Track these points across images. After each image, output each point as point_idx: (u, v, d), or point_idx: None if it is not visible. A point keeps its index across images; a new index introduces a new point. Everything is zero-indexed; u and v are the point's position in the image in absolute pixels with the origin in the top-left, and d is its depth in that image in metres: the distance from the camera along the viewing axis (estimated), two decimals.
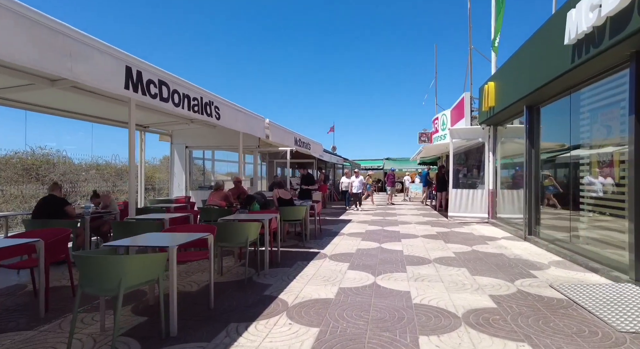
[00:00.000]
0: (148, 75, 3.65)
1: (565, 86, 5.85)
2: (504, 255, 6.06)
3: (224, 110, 4.74)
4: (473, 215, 10.38)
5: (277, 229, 5.84)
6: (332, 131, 34.74)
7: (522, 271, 5.05)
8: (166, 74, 3.75)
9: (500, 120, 9.63)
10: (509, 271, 5.05)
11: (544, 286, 4.34)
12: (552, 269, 5.13)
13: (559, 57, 5.35)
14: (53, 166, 12.18)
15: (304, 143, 8.81)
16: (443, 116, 13.52)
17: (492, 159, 10.19)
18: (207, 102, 4.37)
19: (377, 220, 10.99)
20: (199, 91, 4.21)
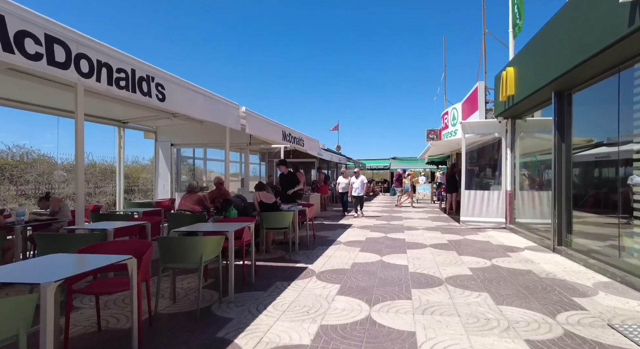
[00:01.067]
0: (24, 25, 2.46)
1: (612, 62, 4.69)
2: (533, 273, 4.92)
3: (171, 89, 3.68)
4: (488, 219, 9.21)
5: (252, 241, 4.77)
6: (336, 129, 33.54)
7: (562, 298, 3.91)
8: (64, 29, 2.69)
9: (519, 111, 8.45)
10: (545, 297, 3.91)
11: (599, 325, 3.20)
12: (601, 296, 3.98)
13: (607, 22, 4.20)
14: (31, 166, 11.29)
15: (296, 138, 7.74)
16: (453, 110, 12.34)
17: (509, 156, 9.01)
18: (144, 77, 3.31)
19: (380, 225, 9.87)
20: (129, 60, 3.16)
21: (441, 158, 18.47)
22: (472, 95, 10.16)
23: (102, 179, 12.38)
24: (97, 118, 8.86)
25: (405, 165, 29.52)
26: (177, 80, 3.88)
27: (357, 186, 11.56)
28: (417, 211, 13.80)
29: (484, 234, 8.33)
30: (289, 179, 7.69)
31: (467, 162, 9.65)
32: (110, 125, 9.36)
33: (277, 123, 6.58)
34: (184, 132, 10.82)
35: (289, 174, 7.84)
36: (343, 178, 12.31)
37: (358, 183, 11.57)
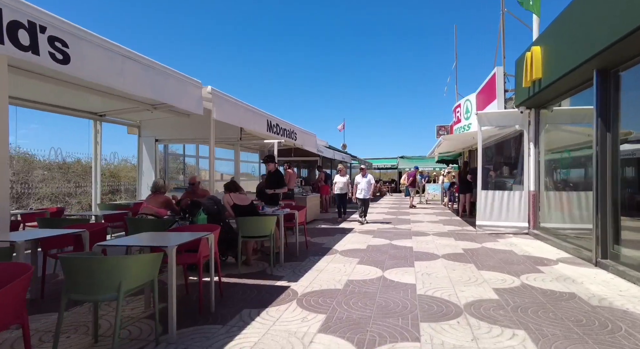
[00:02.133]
0: None
1: None
2: (579, 298, 3.80)
3: (81, 48, 2.68)
4: (508, 223, 8.06)
5: (215, 256, 3.74)
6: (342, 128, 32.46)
7: (638, 343, 2.80)
8: None
9: (545, 99, 7.29)
10: (613, 343, 2.80)
11: None
12: None
13: None
14: None
15: (286, 131, 6.71)
16: (467, 102, 11.19)
17: (533, 151, 7.86)
18: (22, 24, 2.28)
19: (385, 230, 8.78)
20: None
21: (452, 156, 17.27)
22: (489, 83, 9.01)
23: (85, 178, 11.49)
24: (69, 110, 7.94)
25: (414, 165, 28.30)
26: (96, 40, 2.85)
27: (364, 186, 9.66)
28: (427, 214, 12.66)
29: (504, 241, 7.20)
30: (274, 178, 6.64)
31: (484, 159, 8.50)
32: (83, 117, 8.44)
33: (259, 111, 5.55)
34: (169, 127, 9.87)
35: (276, 172, 6.78)
36: (340, 176, 10.26)
37: (364, 183, 9.67)
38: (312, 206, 10.41)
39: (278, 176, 6.70)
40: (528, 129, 7.95)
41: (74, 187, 11.04)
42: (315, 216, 10.98)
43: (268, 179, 6.69)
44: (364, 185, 9.74)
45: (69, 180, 11.09)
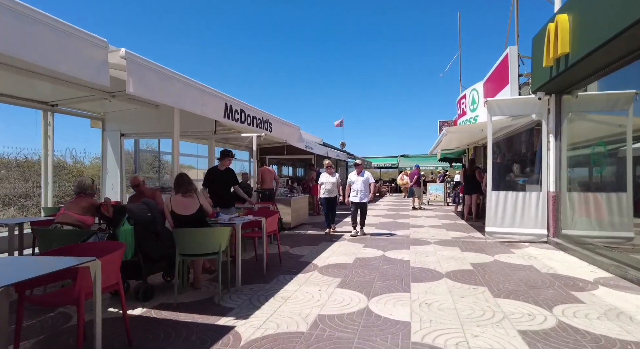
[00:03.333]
0: None
1: None
2: None
3: None
4: (523, 230, 6.84)
5: (114, 288, 2.56)
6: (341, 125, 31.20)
7: None
8: None
9: (570, 82, 6.08)
10: None
11: None
12: None
13: None
14: None
15: (256, 119, 5.50)
16: (473, 92, 9.97)
17: (553, 146, 6.64)
18: None
19: (379, 237, 7.57)
20: None
21: (456, 154, 16.04)
22: (500, 67, 7.78)
23: None
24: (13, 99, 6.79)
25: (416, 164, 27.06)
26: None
27: (360, 187, 7.60)
28: (429, 217, 11.44)
29: (520, 252, 5.99)
30: (224, 177, 5.47)
31: (495, 155, 7.29)
32: (30, 107, 7.28)
33: (211, 89, 4.33)
34: (137, 119, 8.70)
35: (226, 171, 5.54)
36: (328, 175, 7.94)
37: (360, 183, 7.59)
38: (298, 208, 9.22)
39: (228, 174, 5.51)
40: (547, 119, 6.73)
41: (33, 187, 9.88)
42: (303, 219, 9.79)
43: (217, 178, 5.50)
44: (360, 185, 7.64)
45: (27, 179, 9.94)
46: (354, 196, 7.68)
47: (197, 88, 4.10)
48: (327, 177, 7.99)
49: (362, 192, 7.66)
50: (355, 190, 7.68)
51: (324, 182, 7.95)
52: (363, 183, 7.69)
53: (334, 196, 8.07)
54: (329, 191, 7.95)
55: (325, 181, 7.96)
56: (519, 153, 8.54)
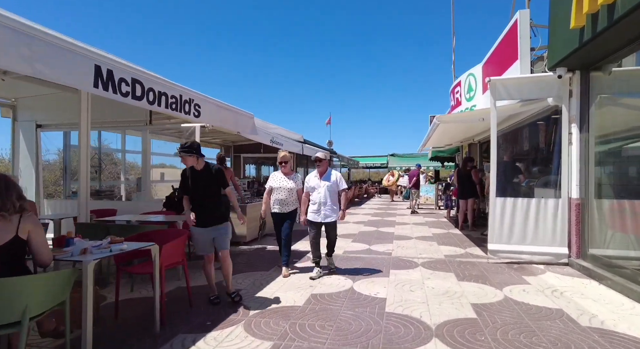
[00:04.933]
0: None
1: None
2: None
3: None
4: (537, 249, 5.27)
5: None
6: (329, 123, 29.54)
7: None
8: None
9: (602, 52, 4.52)
10: None
11: None
12: None
13: None
14: None
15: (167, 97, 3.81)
16: (469, 77, 8.38)
17: (577, 138, 5.07)
18: None
19: (352, 254, 5.93)
20: None
21: (449, 152, 14.49)
22: (506, 39, 6.16)
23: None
24: None
25: (405, 163, 25.57)
26: None
27: (323, 197, 4.70)
28: (417, 224, 9.84)
29: (537, 281, 4.39)
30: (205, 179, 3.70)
31: (501, 150, 5.70)
32: None
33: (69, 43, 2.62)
34: (55, 107, 6.96)
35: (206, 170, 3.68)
36: (283, 177, 4.96)
37: (324, 191, 4.70)
38: (257, 217, 7.50)
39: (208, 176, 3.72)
40: (569, 104, 5.15)
41: None
42: (266, 230, 8.09)
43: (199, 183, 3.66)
44: (324, 193, 4.68)
45: None
46: (314, 211, 4.73)
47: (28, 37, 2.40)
48: (279, 179, 4.92)
49: (326, 206, 4.68)
50: (317, 202, 4.70)
51: (275, 188, 4.89)
52: (328, 190, 4.68)
53: (290, 211, 4.93)
54: (281, 202, 4.86)
55: (276, 185, 4.89)
56: (531, 149, 6.94)
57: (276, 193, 4.94)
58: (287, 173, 5.00)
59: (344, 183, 4.87)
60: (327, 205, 4.73)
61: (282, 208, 4.92)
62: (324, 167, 4.81)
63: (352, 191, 18.99)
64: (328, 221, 4.76)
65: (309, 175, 4.86)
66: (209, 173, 3.72)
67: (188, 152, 3.60)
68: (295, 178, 5.01)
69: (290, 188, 4.93)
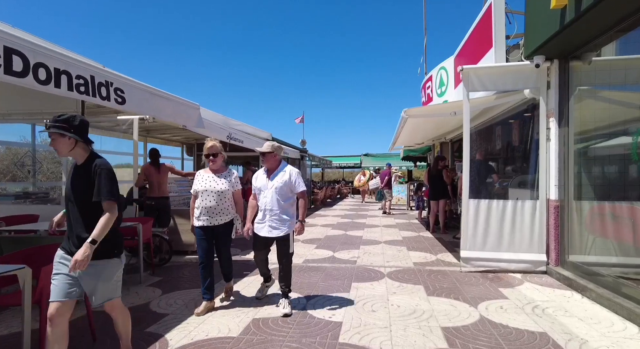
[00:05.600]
0: None
1: None
2: None
3: None
4: (513, 256, 4.78)
5: None
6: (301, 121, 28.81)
7: None
8: None
9: (583, 38, 4.07)
10: None
11: None
12: None
13: None
14: None
15: (71, 77, 3.05)
16: (440, 71, 7.92)
17: (556, 134, 4.62)
18: None
19: (313, 263, 5.27)
20: None
21: (420, 151, 14.11)
22: (480, 26, 5.67)
23: None
24: None
25: (379, 163, 25.25)
26: None
27: (271, 202, 3.51)
28: (388, 226, 9.31)
29: (515, 295, 3.87)
30: None
31: (475, 148, 5.19)
32: None
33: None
34: None
35: None
36: (213, 176, 3.63)
37: (272, 194, 3.51)
38: None
39: None
40: (547, 96, 4.69)
41: None
42: None
43: None
44: (272, 197, 3.52)
45: None
46: (259, 221, 3.58)
47: None
48: (205, 180, 3.60)
49: (273, 214, 3.51)
50: (262, 208, 3.57)
51: (200, 191, 3.55)
52: (278, 193, 3.51)
53: (224, 224, 3.60)
54: (210, 211, 3.52)
55: (201, 188, 3.55)
56: (506, 146, 6.49)
57: (202, 199, 3.51)
58: (217, 170, 3.63)
59: (302, 183, 3.59)
60: (274, 214, 3.50)
61: (211, 220, 3.50)
62: (272, 162, 3.59)
63: (323, 192, 18.38)
64: (273, 236, 3.51)
65: (257, 172, 3.77)
66: (87, 172, 2.23)
67: (59, 128, 2.16)
68: (228, 177, 3.64)
69: (221, 190, 3.53)
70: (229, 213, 3.62)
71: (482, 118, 6.26)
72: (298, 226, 3.60)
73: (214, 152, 3.61)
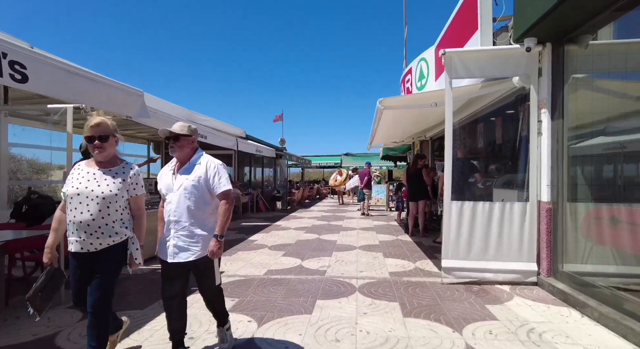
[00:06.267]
0: None
1: None
2: None
3: None
4: (500, 265, 4.22)
5: None
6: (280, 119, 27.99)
7: None
8: None
9: (581, 17, 3.53)
10: None
11: None
12: None
13: None
14: None
15: None
16: (421, 63, 7.36)
17: (548, 127, 4.08)
18: None
19: (275, 277, 4.58)
20: None
21: (400, 150, 13.61)
22: (465, 6, 5.07)
23: None
24: None
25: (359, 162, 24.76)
26: None
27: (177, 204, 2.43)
28: (365, 229, 8.71)
29: (505, 315, 3.29)
30: None
31: (457, 143, 4.61)
32: None
33: None
34: None
35: None
36: (97, 171, 2.31)
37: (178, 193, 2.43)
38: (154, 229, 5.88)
39: None
40: (538, 84, 4.16)
41: None
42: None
43: None
44: (177, 198, 2.43)
45: None
46: (162, 240, 2.50)
47: None
48: (80, 178, 2.28)
49: (180, 228, 2.42)
50: (168, 219, 2.48)
51: (70, 195, 2.25)
52: (187, 196, 2.43)
53: (106, 249, 2.26)
54: (82, 227, 2.20)
55: (72, 190, 2.24)
56: (493, 142, 5.94)
57: (73, 208, 2.23)
58: (105, 164, 2.35)
59: (225, 181, 2.47)
60: (181, 227, 2.40)
61: (86, 242, 2.21)
62: (185, 150, 2.47)
63: (301, 193, 17.67)
64: (180, 260, 2.40)
65: (163, 168, 2.61)
66: None
67: None
68: (122, 175, 2.34)
69: (106, 195, 2.24)
70: (115, 232, 2.26)
71: (466, 111, 5.71)
72: (212, 245, 2.38)
73: (101, 133, 2.26)
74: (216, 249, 2.39)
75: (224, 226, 2.43)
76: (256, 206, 13.71)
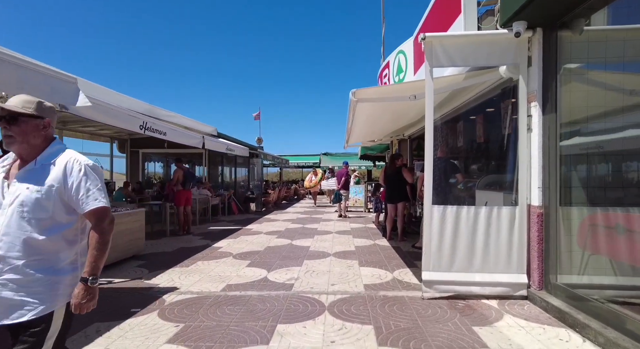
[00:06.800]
0: None
1: None
2: None
3: None
4: (487, 278, 3.76)
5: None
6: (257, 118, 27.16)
7: None
8: None
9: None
10: None
11: None
12: None
13: None
14: None
15: None
16: (399, 56, 6.90)
17: (539, 123, 3.64)
18: None
19: (234, 294, 3.97)
20: None
21: (378, 149, 13.18)
22: None
23: None
24: None
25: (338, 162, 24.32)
26: None
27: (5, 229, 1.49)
28: (341, 233, 8.19)
29: (496, 341, 2.81)
30: None
31: (437, 139, 4.13)
32: None
33: None
34: None
35: None
36: None
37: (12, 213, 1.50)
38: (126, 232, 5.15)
39: None
40: (527, 75, 3.71)
41: None
42: (133, 251, 5.80)
43: None
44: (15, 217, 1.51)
45: None
46: None
47: None
48: None
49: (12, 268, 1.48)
50: None
51: None
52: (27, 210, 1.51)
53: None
54: None
55: None
56: (478, 140, 5.49)
57: None
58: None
59: (98, 192, 1.60)
60: (9, 266, 1.49)
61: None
62: (30, 141, 1.57)
63: (277, 193, 17.01)
64: (5, 323, 1.47)
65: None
66: None
67: None
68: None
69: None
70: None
71: (448, 106, 5.25)
72: (77, 293, 1.55)
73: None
74: (84, 300, 1.53)
75: (97, 264, 1.57)
76: (228, 209, 12.98)
